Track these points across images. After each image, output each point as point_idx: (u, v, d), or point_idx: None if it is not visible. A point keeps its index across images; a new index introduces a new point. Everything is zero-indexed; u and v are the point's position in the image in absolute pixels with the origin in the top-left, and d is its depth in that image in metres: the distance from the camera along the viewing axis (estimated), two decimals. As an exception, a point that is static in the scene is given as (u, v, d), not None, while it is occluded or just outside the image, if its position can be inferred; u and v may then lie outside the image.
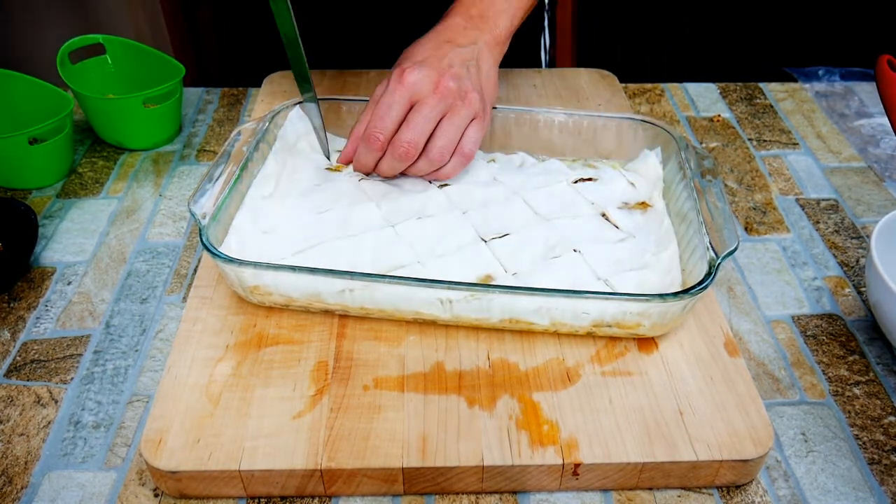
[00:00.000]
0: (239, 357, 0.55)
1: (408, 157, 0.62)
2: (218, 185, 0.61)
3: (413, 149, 0.62)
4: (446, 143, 0.63)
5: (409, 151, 0.62)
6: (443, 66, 0.64)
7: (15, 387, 0.57)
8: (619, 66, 0.97)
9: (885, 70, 0.76)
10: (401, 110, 0.63)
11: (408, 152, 0.62)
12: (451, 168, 0.65)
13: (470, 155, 0.65)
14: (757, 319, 0.63)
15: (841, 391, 0.58)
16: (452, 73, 0.64)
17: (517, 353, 0.56)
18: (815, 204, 0.76)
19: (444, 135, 0.63)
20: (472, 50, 0.67)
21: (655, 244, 0.63)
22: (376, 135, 0.62)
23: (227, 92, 0.92)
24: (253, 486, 0.49)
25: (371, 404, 0.52)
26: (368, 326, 0.58)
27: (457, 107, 0.63)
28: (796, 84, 0.96)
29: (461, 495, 0.51)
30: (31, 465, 0.52)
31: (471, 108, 0.64)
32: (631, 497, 0.51)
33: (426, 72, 0.63)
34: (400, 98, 0.62)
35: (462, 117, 0.63)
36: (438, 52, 0.65)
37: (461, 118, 0.63)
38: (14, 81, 0.79)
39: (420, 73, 0.63)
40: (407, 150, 0.62)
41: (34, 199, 0.76)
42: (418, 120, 0.62)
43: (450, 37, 0.68)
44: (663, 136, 0.70)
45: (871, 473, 0.52)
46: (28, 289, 0.65)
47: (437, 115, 0.63)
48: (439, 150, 0.63)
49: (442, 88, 0.63)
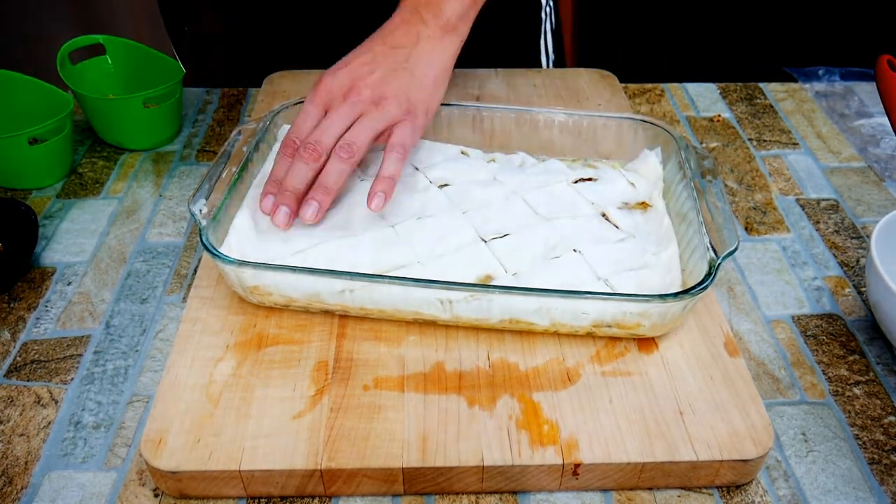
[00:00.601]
0: (239, 357, 0.55)
1: (313, 157, 0.60)
2: (218, 186, 0.61)
3: (320, 147, 0.60)
4: (352, 137, 0.61)
5: (316, 149, 0.60)
6: (361, 73, 0.64)
7: (15, 387, 0.57)
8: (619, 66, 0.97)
9: (885, 70, 0.76)
10: (315, 117, 0.63)
11: (314, 150, 0.60)
12: (391, 166, 0.61)
13: (401, 148, 0.62)
14: (757, 319, 0.63)
15: (841, 391, 0.58)
16: (371, 80, 0.63)
17: (517, 353, 0.56)
18: (816, 204, 0.76)
19: (350, 132, 0.61)
20: (408, 51, 0.66)
21: (655, 244, 0.63)
22: (291, 140, 0.62)
23: (227, 92, 0.92)
24: (253, 486, 0.49)
25: (371, 404, 0.52)
26: (368, 326, 0.58)
27: (369, 112, 0.62)
28: (796, 84, 0.96)
29: (461, 495, 0.51)
30: (31, 465, 0.52)
31: (386, 114, 0.62)
32: (631, 497, 0.51)
33: (340, 78, 0.63)
34: (314, 106, 0.63)
35: (374, 120, 0.62)
36: (366, 56, 0.65)
37: (372, 121, 0.62)
38: (14, 81, 0.79)
39: (333, 80, 0.63)
40: (314, 148, 0.60)
41: (34, 199, 0.76)
42: (325, 123, 0.62)
43: (386, 36, 0.67)
44: (663, 136, 0.70)
45: (871, 473, 0.52)
46: (28, 289, 0.65)
47: (347, 120, 0.62)
48: (345, 142, 0.61)
49: (353, 94, 0.63)
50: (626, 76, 0.92)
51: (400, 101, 0.63)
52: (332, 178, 0.61)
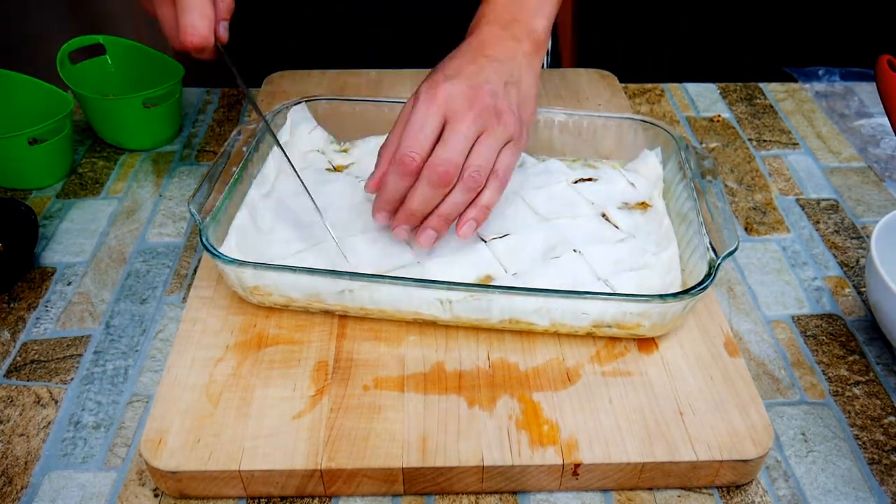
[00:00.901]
0: (239, 357, 0.55)
1: (446, 181, 0.54)
2: (218, 186, 0.61)
3: (453, 169, 0.54)
4: (483, 163, 0.56)
5: (449, 172, 0.54)
6: (479, 81, 0.57)
7: (15, 387, 0.57)
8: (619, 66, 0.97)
9: (885, 70, 0.76)
10: (435, 128, 0.56)
11: (447, 173, 0.54)
12: (490, 196, 0.57)
13: (505, 180, 0.58)
14: (757, 319, 0.63)
15: (841, 391, 0.58)
16: (489, 89, 0.57)
17: (517, 353, 0.56)
18: (815, 204, 0.76)
19: (480, 156, 0.56)
20: (512, 66, 0.61)
21: (655, 244, 0.63)
22: (411, 155, 0.55)
23: (227, 92, 0.92)
24: (253, 486, 0.49)
25: (371, 404, 0.52)
26: (368, 326, 0.58)
27: (492, 126, 0.57)
28: (796, 84, 0.96)
29: (461, 495, 0.51)
30: (31, 465, 0.52)
31: (507, 129, 0.57)
32: (631, 497, 0.51)
33: (461, 86, 0.56)
34: (434, 116, 0.55)
35: (497, 138, 0.57)
36: (473, 66, 0.59)
37: (496, 139, 0.57)
38: (14, 81, 0.79)
39: (455, 88, 0.56)
40: (446, 171, 0.54)
41: (34, 200, 0.76)
42: (455, 138, 0.55)
43: (486, 49, 0.61)
44: (663, 136, 0.70)
45: (871, 473, 0.52)
46: (28, 289, 0.65)
47: (474, 135, 0.56)
48: (476, 172, 0.55)
49: (479, 104, 0.56)
50: (626, 76, 0.92)
51: (516, 117, 0.59)
52: (455, 211, 0.57)
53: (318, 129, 0.74)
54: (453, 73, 0.58)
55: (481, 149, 0.56)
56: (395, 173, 0.56)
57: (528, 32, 0.63)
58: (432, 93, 0.56)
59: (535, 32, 0.64)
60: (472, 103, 0.56)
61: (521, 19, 0.64)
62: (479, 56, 0.60)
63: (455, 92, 0.56)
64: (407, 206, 0.56)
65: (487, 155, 0.56)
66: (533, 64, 0.63)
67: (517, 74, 0.61)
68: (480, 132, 0.57)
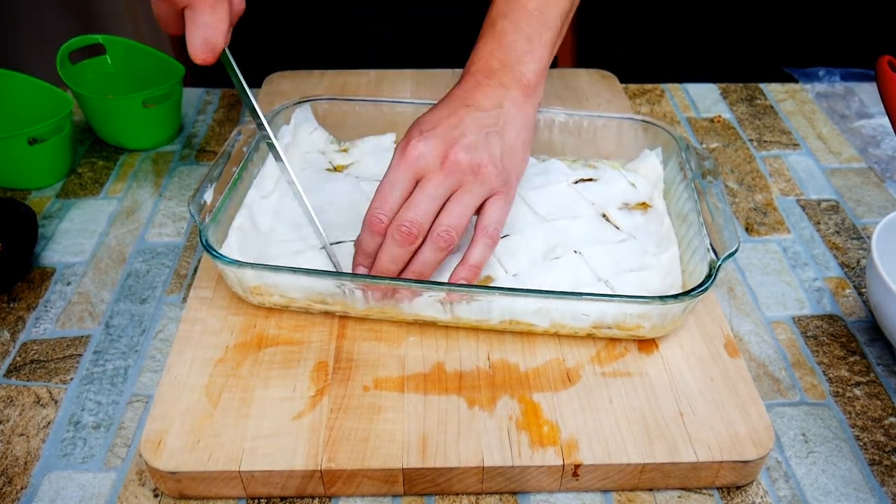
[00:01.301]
0: (239, 357, 0.55)
1: (408, 240, 0.54)
2: (218, 186, 0.61)
3: (416, 229, 0.54)
4: (453, 221, 0.55)
5: (412, 232, 0.54)
6: (454, 136, 0.57)
7: (14, 387, 0.57)
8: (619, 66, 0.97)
9: (886, 70, 0.76)
10: (404, 189, 0.56)
11: (409, 233, 0.54)
12: (479, 253, 0.56)
13: (495, 236, 0.57)
14: (757, 320, 0.63)
15: (841, 392, 0.58)
16: (464, 143, 0.56)
17: (517, 353, 0.56)
18: (816, 205, 0.76)
19: (450, 214, 0.55)
20: (496, 115, 0.59)
21: (656, 245, 0.63)
22: (379, 216, 0.55)
23: (227, 92, 0.92)
24: (253, 486, 0.49)
25: (371, 405, 0.52)
26: (368, 327, 0.58)
27: (468, 182, 0.56)
28: (797, 85, 0.96)
29: (461, 496, 0.50)
30: (30, 465, 0.52)
31: (485, 184, 0.56)
32: (631, 498, 0.51)
33: (433, 144, 0.56)
34: (403, 175, 0.56)
35: (473, 194, 0.56)
36: (452, 119, 0.58)
37: (472, 195, 0.56)
38: (14, 81, 0.79)
39: (426, 146, 0.56)
40: (409, 231, 0.54)
41: (34, 199, 0.76)
42: (420, 198, 0.55)
43: (469, 99, 0.60)
44: (664, 136, 0.70)
45: (871, 474, 0.52)
46: (28, 289, 0.65)
47: (444, 193, 0.55)
48: (444, 230, 0.55)
49: (450, 163, 0.56)
50: (626, 76, 0.92)
51: (498, 170, 0.57)
52: (428, 268, 0.56)
53: (318, 129, 0.74)
54: (429, 128, 0.58)
55: (452, 206, 0.56)
56: (367, 232, 0.56)
57: (517, 79, 0.62)
58: (404, 151, 0.56)
59: (525, 78, 0.62)
60: (444, 161, 0.56)
61: (508, 65, 0.62)
62: (461, 107, 0.59)
63: (426, 150, 0.56)
64: (377, 264, 0.56)
65: (459, 212, 0.56)
66: (523, 110, 0.62)
67: (501, 123, 0.60)
68: (453, 189, 0.56)
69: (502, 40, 0.63)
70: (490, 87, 0.61)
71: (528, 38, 0.63)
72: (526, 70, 0.62)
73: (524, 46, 0.63)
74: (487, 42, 0.63)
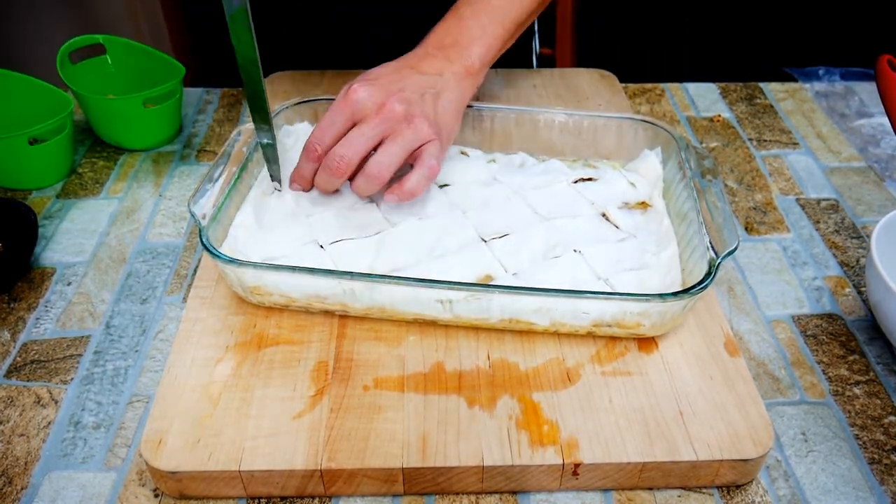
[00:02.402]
0: (239, 357, 0.55)
1: (339, 172, 0.60)
2: (218, 186, 0.61)
3: (344, 164, 0.60)
4: (386, 159, 0.60)
5: (340, 166, 0.60)
6: (393, 89, 0.61)
7: (15, 387, 0.57)
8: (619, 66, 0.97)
9: (886, 70, 0.76)
10: (341, 126, 0.61)
11: (339, 167, 0.60)
12: (416, 180, 0.61)
13: (433, 167, 0.61)
14: (757, 319, 0.63)
15: (841, 391, 0.58)
16: (401, 96, 0.61)
17: (517, 353, 0.56)
18: (816, 204, 0.76)
19: (384, 152, 0.60)
20: (435, 79, 0.65)
21: (655, 244, 0.63)
22: (314, 146, 0.62)
23: (227, 92, 0.92)
24: (253, 486, 0.49)
25: (371, 404, 0.52)
26: (368, 326, 0.58)
27: (400, 129, 0.60)
28: (796, 84, 0.96)
29: (461, 495, 0.51)
30: (31, 465, 0.52)
31: (417, 132, 0.60)
32: (631, 497, 0.51)
33: (373, 91, 0.61)
34: (341, 114, 0.61)
35: (406, 139, 0.60)
36: (395, 76, 0.63)
37: (404, 140, 0.60)
38: (14, 81, 0.79)
39: (366, 92, 0.61)
40: (338, 165, 0.60)
41: (34, 200, 0.76)
42: (354, 136, 0.60)
43: (414, 63, 0.66)
44: (663, 135, 0.70)
45: (871, 473, 0.52)
46: (28, 289, 0.65)
47: (376, 136, 0.60)
48: (376, 166, 0.60)
49: (386, 110, 0.60)
50: (626, 76, 0.92)
51: (430, 123, 0.61)
52: (365, 193, 0.62)
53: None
54: (372, 78, 0.63)
55: (385, 146, 0.60)
56: (303, 158, 0.63)
57: (463, 57, 0.67)
58: (346, 96, 0.61)
59: (470, 59, 0.67)
60: (381, 108, 0.60)
61: (460, 44, 0.67)
62: (404, 67, 0.65)
63: (366, 95, 0.61)
64: (316, 183, 0.64)
65: (393, 151, 0.60)
66: (461, 84, 0.66)
67: (439, 88, 0.65)
68: (386, 135, 0.60)
69: (461, 23, 0.69)
70: (436, 59, 0.66)
71: (482, 28, 0.68)
72: (473, 53, 0.67)
73: (478, 33, 0.68)
74: (447, 21, 0.69)
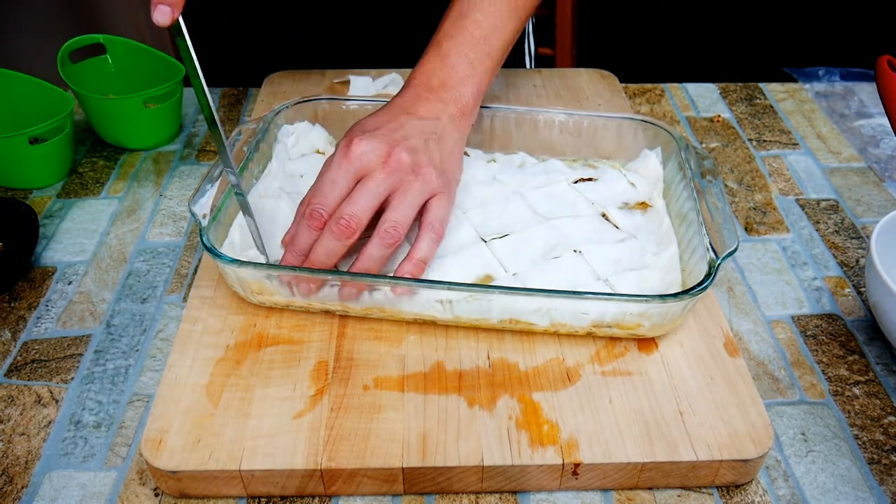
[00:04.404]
0: (239, 357, 0.55)
1: (347, 234, 0.55)
2: (218, 185, 0.61)
3: (354, 223, 0.55)
4: (399, 217, 0.56)
5: (350, 226, 0.54)
6: (396, 138, 0.58)
7: (15, 386, 0.57)
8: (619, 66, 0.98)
9: (885, 70, 0.76)
10: (345, 185, 0.56)
11: (348, 227, 0.54)
12: (424, 249, 0.57)
13: (440, 231, 0.58)
14: (757, 319, 0.63)
15: (841, 391, 0.58)
16: (407, 145, 0.57)
17: (517, 352, 0.56)
18: (815, 204, 0.76)
19: (395, 209, 0.56)
20: (434, 124, 0.61)
21: (655, 244, 0.63)
22: (319, 211, 0.55)
23: (227, 92, 0.92)
24: (253, 485, 0.49)
25: (371, 404, 0.52)
26: (368, 326, 0.58)
27: (408, 181, 0.57)
28: (796, 84, 0.96)
29: (461, 495, 0.51)
30: (31, 464, 0.52)
31: (426, 184, 0.57)
32: (631, 497, 0.51)
33: (375, 143, 0.57)
34: (345, 172, 0.56)
35: (415, 192, 0.57)
36: (393, 123, 0.59)
37: (414, 193, 0.57)
38: (14, 81, 0.79)
39: (369, 145, 0.56)
40: (347, 225, 0.54)
41: (34, 199, 0.76)
42: (362, 194, 0.55)
43: (409, 108, 0.62)
44: (663, 136, 0.70)
45: (870, 473, 0.52)
46: (28, 289, 0.65)
47: (384, 191, 0.56)
48: (391, 225, 0.55)
49: (392, 161, 0.56)
50: (626, 76, 0.92)
51: (438, 171, 0.58)
52: (374, 264, 0.56)
53: (318, 129, 0.74)
54: (371, 129, 0.59)
55: (396, 203, 0.56)
56: (304, 227, 0.56)
57: (456, 98, 0.64)
58: (347, 150, 0.57)
59: (463, 98, 0.64)
60: (387, 160, 0.56)
61: (449, 85, 0.64)
62: (401, 114, 0.61)
63: (369, 149, 0.56)
64: (311, 257, 0.56)
65: (403, 209, 0.56)
66: (458, 126, 0.64)
67: (439, 132, 0.61)
68: (395, 188, 0.57)
69: (446, 60, 0.64)
70: (430, 101, 0.63)
71: (470, 64, 0.65)
72: (465, 92, 0.64)
73: (466, 70, 0.65)
74: (431, 60, 0.65)
